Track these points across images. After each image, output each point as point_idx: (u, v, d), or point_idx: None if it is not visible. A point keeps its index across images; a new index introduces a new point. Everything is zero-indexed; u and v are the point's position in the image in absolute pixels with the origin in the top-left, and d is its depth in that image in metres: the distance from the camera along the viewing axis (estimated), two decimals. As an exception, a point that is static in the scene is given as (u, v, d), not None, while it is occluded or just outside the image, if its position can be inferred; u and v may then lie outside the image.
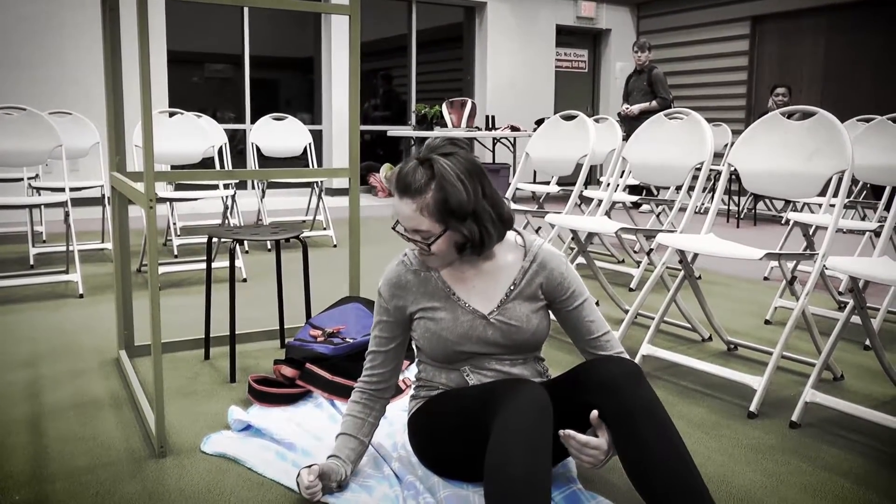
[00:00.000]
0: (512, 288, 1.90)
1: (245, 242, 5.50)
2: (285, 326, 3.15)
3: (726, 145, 7.63)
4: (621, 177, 3.71)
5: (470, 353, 1.90)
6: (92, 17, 7.43)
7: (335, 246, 5.67)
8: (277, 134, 5.97)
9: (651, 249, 3.52)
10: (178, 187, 5.89)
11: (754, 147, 2.93)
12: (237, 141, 8.84)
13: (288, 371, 2.53)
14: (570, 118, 4.09)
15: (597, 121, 4.72)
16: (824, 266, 2.50)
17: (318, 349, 2.61)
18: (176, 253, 5.11)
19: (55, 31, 7.37)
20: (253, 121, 7.49)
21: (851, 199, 5.20)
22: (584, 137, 3.90)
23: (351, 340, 2.65)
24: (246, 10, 8.67)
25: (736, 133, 7.97)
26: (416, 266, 1.94)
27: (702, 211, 7.54)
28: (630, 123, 7.64)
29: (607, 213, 3.70)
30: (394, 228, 1.85)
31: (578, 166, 4.02)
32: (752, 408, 2.45)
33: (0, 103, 4.30)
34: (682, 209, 3.43)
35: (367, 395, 1.99)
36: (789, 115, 2.88)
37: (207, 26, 8.93)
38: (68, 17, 7.39)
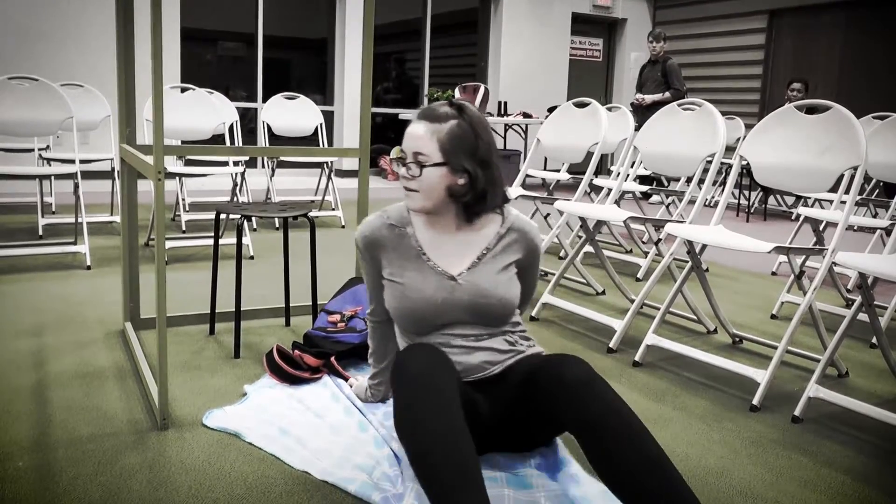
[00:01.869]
0: (485, 252, 1.93)
1: (253, 220, 5.50)
2: (291, 304, 3.16)
3: (738, 139, 7.59)
4: (632, 167, 3.69)
5: (437, 320, 1.89)
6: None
7: (343, 227, 5.67)
8: (289, 113, 5.96)
9: (659, 240, 3.51)
10: (188, 163, 5.88)
11: (767, 140, 2.90)
12: (248, 120, 8.84)
13: (312, 360, 2.49)
14: (582, 105, 4.07)
15: (609, 109, 4.69)
16: (833, 262, 2.49)
17: (347, 339, 2.59)
18: (184, 228, 5.12)
19: (68, 4, 7.35)
20: (265, 100, 7.48)
21: (863, 196, 5.17)
22: (596, 125, 3.88)
23: None
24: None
25: (749, 127, 7.90)
26: (393, 220, 1.96)
27: (712, 204, 7.50)
28: (642, 113, 7.59)
29: (617, 203, 3.69)
30: (388, 156, 1.89)
31: (589, 154, 4.00)
32: (755, 401, 2.44)
33: (12, 74, 4.30)
34: (692, 201, 3.41)
35: (379, 326, 2.12)
36: (806, 110, 2.85)
37: (221, 4, 8.90)
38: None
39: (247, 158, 5.71)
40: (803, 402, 2.38)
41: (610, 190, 3.93)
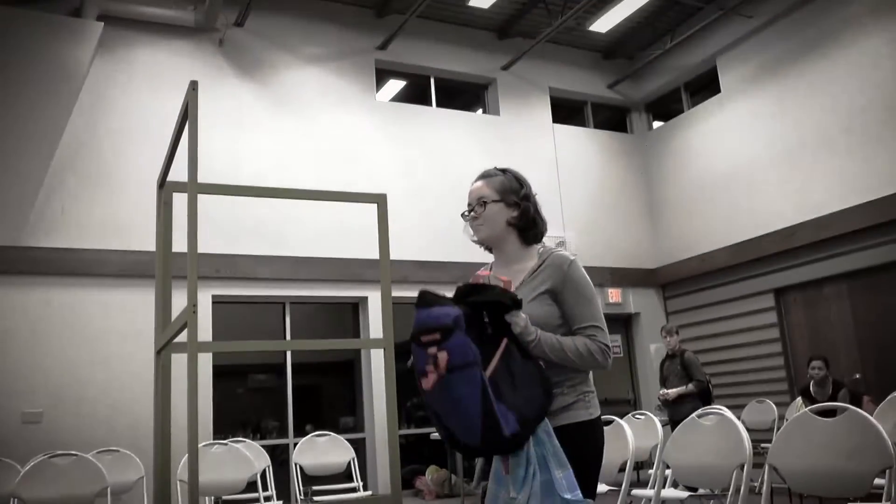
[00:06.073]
0: (521, 282, 2.48)
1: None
2: None
3: (773, 420, 7.46)
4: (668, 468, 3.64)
5: None
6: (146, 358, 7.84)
7: (381, 564, 5.45)
8: (320, 451, 6.01)
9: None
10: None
11: (792, 448, 2.91)
12: (280, 451, 8.83)
13: None
14: (606, 423, 4.11)
15: (635, 416, 4.73)
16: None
17: None
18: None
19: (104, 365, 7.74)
20: (296, 431, 7.55)
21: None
22: (623, 444, 3.90)
23: None
24: (288, 319, 9.03)
25: (781, 406, 7.72)
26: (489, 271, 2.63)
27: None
28: (672, 408, 7.57)
29: (657, 518, 3.59)
30: (462, 215, 2.56)
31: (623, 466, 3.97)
32: None
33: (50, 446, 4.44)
34: None
35: None
36: (824, 413, 2.88)
37: (250, 338, 9.34)
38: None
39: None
40: None
41: (649, 500, 3.85)
